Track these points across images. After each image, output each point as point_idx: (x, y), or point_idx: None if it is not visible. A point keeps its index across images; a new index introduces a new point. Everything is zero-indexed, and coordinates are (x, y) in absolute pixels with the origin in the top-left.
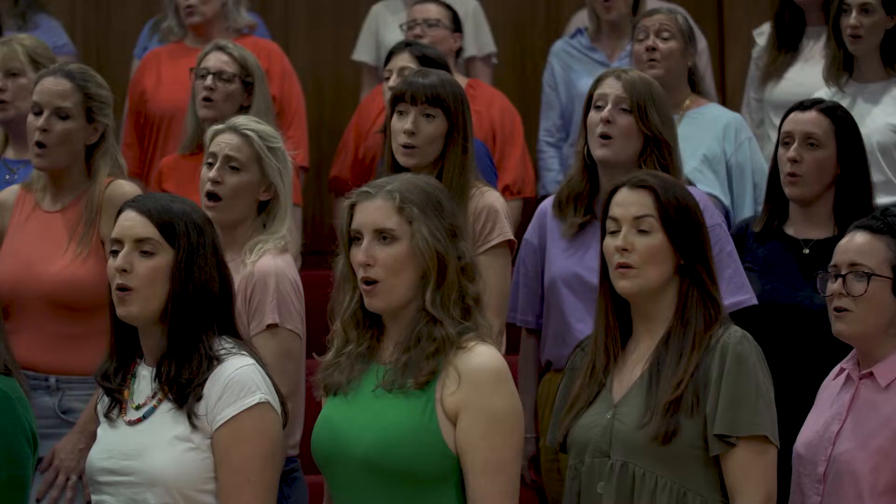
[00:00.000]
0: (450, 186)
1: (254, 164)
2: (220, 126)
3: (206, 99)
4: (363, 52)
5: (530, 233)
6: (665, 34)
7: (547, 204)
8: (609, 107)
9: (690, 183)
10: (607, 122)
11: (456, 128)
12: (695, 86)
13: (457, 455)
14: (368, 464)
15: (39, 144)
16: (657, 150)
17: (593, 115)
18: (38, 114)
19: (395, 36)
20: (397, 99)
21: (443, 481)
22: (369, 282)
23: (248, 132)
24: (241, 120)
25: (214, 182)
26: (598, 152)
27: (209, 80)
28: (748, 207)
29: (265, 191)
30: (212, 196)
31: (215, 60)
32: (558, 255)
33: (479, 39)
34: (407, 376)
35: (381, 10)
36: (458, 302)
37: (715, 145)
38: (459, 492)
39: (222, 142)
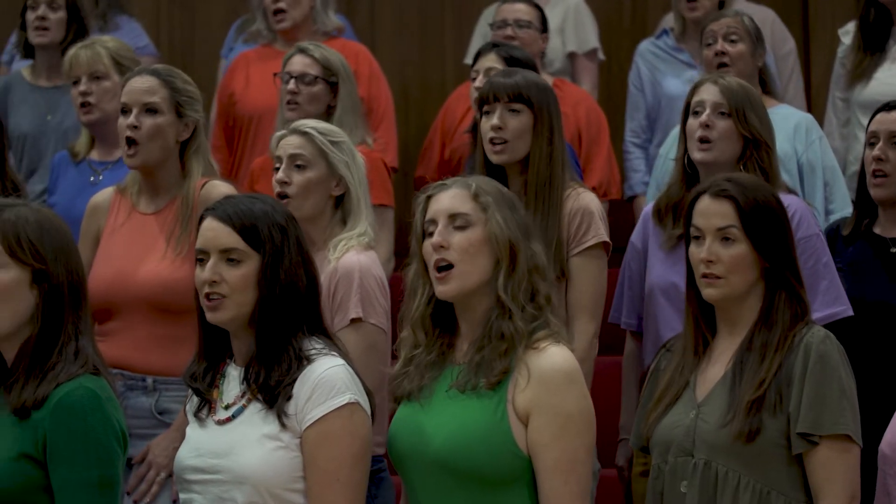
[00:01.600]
0: (536, 178)
1: (319, 160)
2: (282, 132)
3: (291, 102)
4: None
5: (635, 236)
6: (733, 37)
7: (651, 207)
8: (707, 111)
9: (791, 191)
10: (706, 126)
11: (540, 121)
12: (765, 86)
13: (528, 456)
14: (441, 464)
15: (130, 141)
16: (756, 152)
17: (692, 122)
18: (127, 113)
19: None
20: (482, 101)
21: (515, 481)
22: (443, 268)
23: (308, 129)
24: (301, 121)
25: (282, 183)
26: (698, 155)
27: (292, 84)
28: (819, 206)
29: (336, 185)
30: (282, 197)
31: (297, 64)
32: (658, 264)
33: (579, 35)
34: (479, 376)
35: (491, 14)
36: (529, 298)
37: (786, 145)
38: (531, 492)
39: (285, 144)
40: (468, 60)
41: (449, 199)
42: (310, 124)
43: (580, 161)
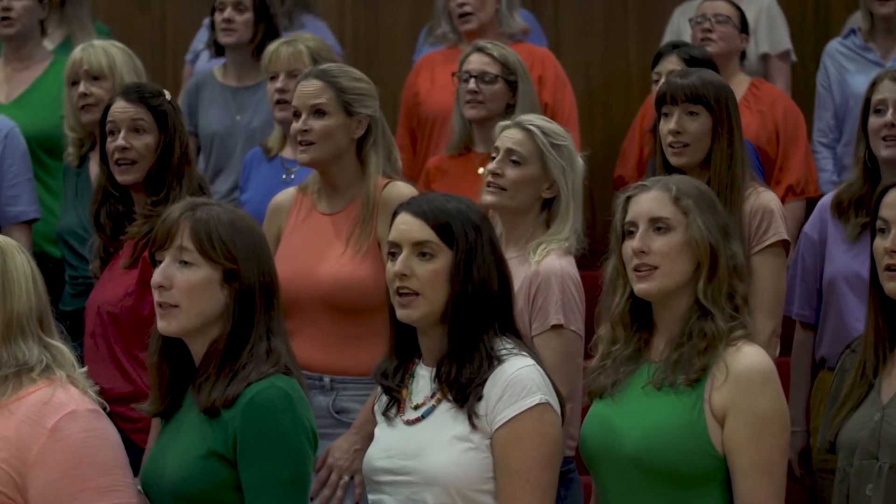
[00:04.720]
0: (718, 180)
1: (535, 159)
2: (507, 122)
3: (471, 101)
4: None
5: (810, 227)
6: None
7: (828, 199)
8: (891, 110)
9: None
10: (892, 125)
11: (720, 122)
12: None
13: (723, 455)
14: (635, 462)
15: (301, 143)
16: None
17: (875, 120)
18: (298, 116)
19: None
20: (660, 102)
21: (709, 480)
22: (644, 268)
23: (532, 127)
24: (528, 116)
25: (495, 174)
26: (885, 152)
27: (472, 84)
28: None
29: (548, 188)
30: (490, 185)
31: (476, 62)
32: (840, 254)
33: (772, 36)
34: (678, 373)
35: (681, 13)
36: (729, 299)
37: None
38: (725, 492)
39: (506, 136)
40: None
41: (649, 202)
42: (536, 122)
43: (777, 160)
